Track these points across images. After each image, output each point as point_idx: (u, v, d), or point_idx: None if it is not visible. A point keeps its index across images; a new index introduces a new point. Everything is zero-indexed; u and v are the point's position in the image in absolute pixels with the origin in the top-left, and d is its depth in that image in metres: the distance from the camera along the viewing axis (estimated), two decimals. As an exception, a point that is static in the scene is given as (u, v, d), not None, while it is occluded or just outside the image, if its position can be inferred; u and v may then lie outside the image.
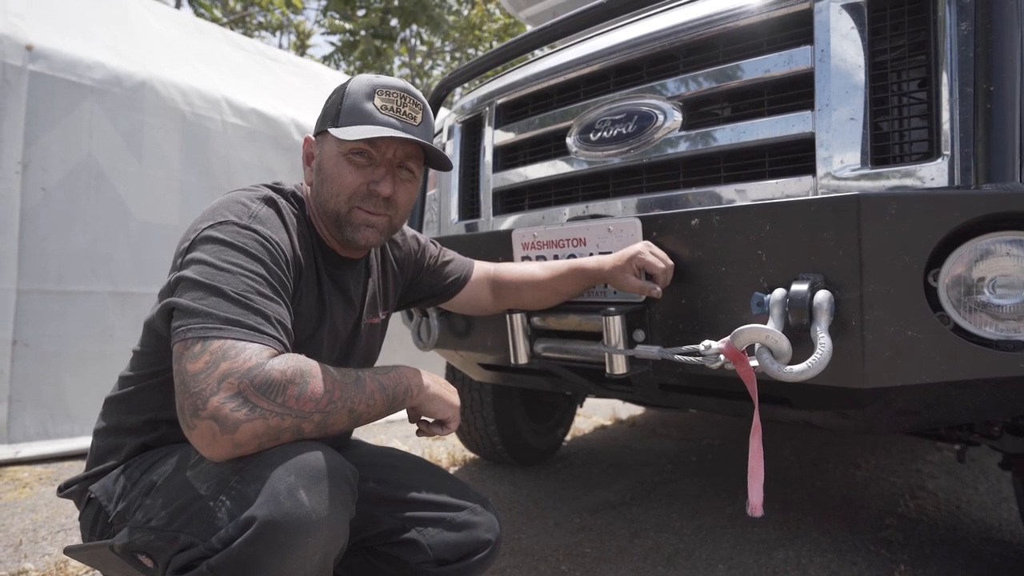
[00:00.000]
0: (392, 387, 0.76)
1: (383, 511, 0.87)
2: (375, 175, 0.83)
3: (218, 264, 0.69)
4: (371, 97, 0.82)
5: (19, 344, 2.27)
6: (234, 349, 0.63)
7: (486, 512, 0.91)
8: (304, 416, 0.65)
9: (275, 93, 3.43)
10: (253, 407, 0.61)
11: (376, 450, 1.03)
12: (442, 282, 1.15)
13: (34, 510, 1.78)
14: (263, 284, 0.70)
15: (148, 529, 0.68)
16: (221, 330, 0.64)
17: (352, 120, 0.81)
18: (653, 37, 1.18)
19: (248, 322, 0.66)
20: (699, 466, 2.25)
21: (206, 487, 0.65)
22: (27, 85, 2.33)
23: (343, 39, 10.63)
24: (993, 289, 0.77)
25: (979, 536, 1.61)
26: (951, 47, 0.83)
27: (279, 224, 0.78)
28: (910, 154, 0.91)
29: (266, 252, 0.73)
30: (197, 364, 0.63)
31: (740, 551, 1.52)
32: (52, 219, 2.37)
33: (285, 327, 0.70)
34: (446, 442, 2.60)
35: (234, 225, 0.73)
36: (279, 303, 0.71)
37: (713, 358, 0.85)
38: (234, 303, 0.66)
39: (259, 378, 0.62)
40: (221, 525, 0.61)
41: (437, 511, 0.88)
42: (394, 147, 0.84)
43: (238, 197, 0.78)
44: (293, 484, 0.61)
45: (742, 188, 1.05)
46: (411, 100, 0.84)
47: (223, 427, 0.61)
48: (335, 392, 0.68)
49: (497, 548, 0.90)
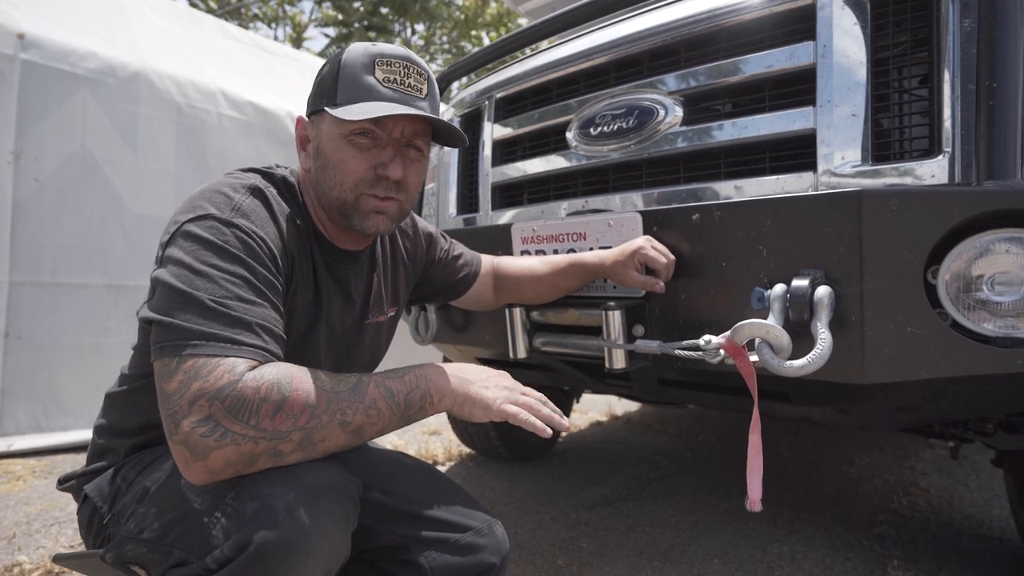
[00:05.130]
0: (404, 393, 0.69)
1: (387, 525, 0.82)
2: (382, 157, 0.75)
3: (195, 267, 0.64)
4: (371, 69, 0.73)
5: (12, 337, 2.25)
6: (207, 367, 0.59)
7: (493, 533, 0.86)
8: (281, 437, 0.59)
9: (271, 86, 3.40)
10: (224, 432, 0.57)
11: (384, 455, 0.97)
12: (452, 277, 1.09)
13: (28, 503, 1.77)
14: (244, 287, 0.65)
15: (141, 541, 0.66)
16: (196, 346, 0.60)
17: (352, 97, 0.73)
18: (654, 32, 1.17)
19: (224, 334, 0.61)
20: (694, 462, 2.26)
21: (200, 500, 0.63)
22: (19, 74, 2.30)
23: (338, 31, 10.56)
24: (992, 286, 0.77)
25: (971, 532, 1.62)
26: (954, 44, 0.83)
27: (266, 216, 0.72)
28: (911, 151, 0.91)
29: (248, 250, 0.67)
30: (172, 383, 0.59)
31: (735, 546, 1.53)
32: (45, 210, 2.35)
33: (271, 331, 0.65)
34: (442, 437, 2.60)
35: (214, 220, 0.67)
36: (264, 305, 0.66)
37: (713, 353, 0.86)
38: (209, 314, 0.61)
39: (230, 398, 0.58)
40: (216, 544, 0.59)
41: (441, 531, 0.82)
42: (401, 125, 0.76)
43: (221, 186, 0.72)
44: (292, 503, 0.58)
45: (742, 184, 1.04)
46: (415, 70, 0.76)
47: (194, 454, 0.57)
48: (320, 405, 0.61)
49: (502, 571, 0.85)
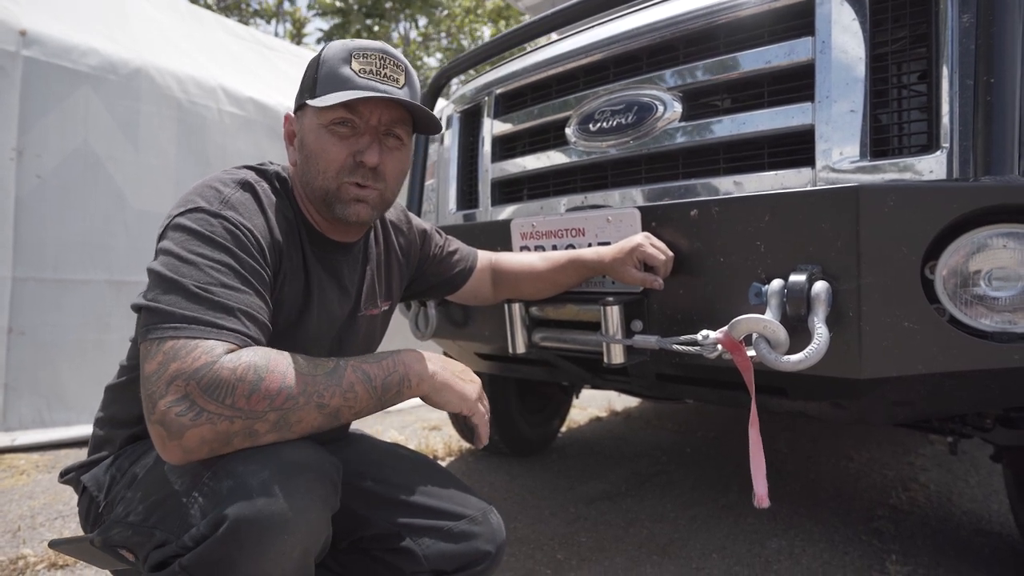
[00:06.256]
0: (382, 377, 0.70)
1: (380, 513, 0.83)
2: (360, 144, 0.78)
3: (182, 255, 0.66)
4: (348, 61, 0.76)
5: (15, 332, 2.26)
6: (185, 348, 0.60)
7: (487, 521, 0.87)
8: (256, 416, 0.60)
9: (271, 82, 3.40)
10: (200, 411, 0.58)
11: (378, 446, 0.98)
12: (448, 272, 1.10)
13: (31, 497, 1.78)
14: (229, 275, 0.67)
15: (126, 524, 0.68)
16: (176, 329, 0.61)
17: (329, 88, 0.76)
18: (653, 27, 1.17)
19: (205, 318, 0.62)
20: (693, 458, 2.27)
21: (180, 482, 0.64)
22: (21, 71, 2.30)
23: (333, 22, 10.48)
24: (989, 281, 0.78)
25: (970, 527, 1.63)
26: (952, 39, 0.83)
27: (254, 209, 0.74)
28: (909, 146, 0.92)
29: (235, 240, 0.69)
30: (152, 365, 0.61)
31: (734, 541, 1.54)
32: (48, 206, 2.35)
33: (254, 317, 0.67)
34: (442, 432, 2.61)
35: (203, 212, 0.69)
36: (248, 292, 0.67)
37: (711, 348, 0.86)
38: (193, 299, 0.63)
39: (206, 378, 0.59)
40: (194, 522, 0.60)
41: (435, 519, 0.84)
42: (378, 112, 0.78)
43: (213, 181, 0.75)
44: (267, 480, 0.59)
45: (741, 180, 1.05)
46: (391, 61, 0.78)
47: (169, 433, 0.58)
48: (297, 387, 0.63)
49: (498, 559, 0.86)
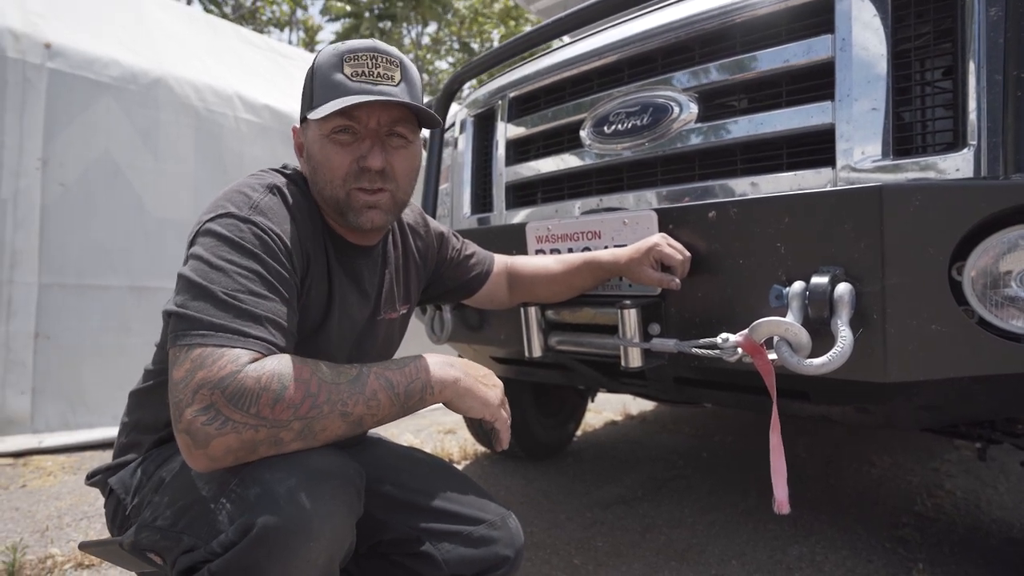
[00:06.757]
0: (404, 384, 0.70)
1: (398, 518, 0.84)
2: (362, 149, 0.77)
3: (212, 261, 0.66)
4: (339, 67, 0.76)
5: (41, 336, 2.32)
6: (211, 357, 0.61)
7: (506, 526, 0.87)
8: (281, 425, 0.61)
9: (286, 89, 3.44)
10: (225, 420, 0.59)
11: (396, 450, 0.99)
12: (464, 276, 1.10)
13: (58, 497, 1.82)
14: (257, 282, 0.67)
15: (154, 528, 0.68)
16: (204, 336, 0.62)
17: (325, 97, 0.75)
18: (668, 28, 1.16)
19: (232, 326, 0.63)
20: (710, 462, 2.24)
21: (208, 488, 0.65)
22: (46, 83, 2.36)
23: (345, 25, 10.54)
24: (1021, 282, 0.75)
25: (999, 536, 1.58)
26: (979, 34, 0.81)
27: (283, 214, 0.75)
28: (934, 144, 0.89)
29: (264, 246, 0.69)
30: (180, 372, 0.61)
31: (754, 547, 1.51)
32: (71, 214, 2.41)
33: (279, 325, 0.67)
34: (457, 436, 2.61)
35: (233, 218, 0.70)
36: (275, 300, 0.68)
37: (731, 351, 0.85)
38: (221, 306, 0.64)
39: (231, 388, 0.59)
40: (222, 528, 0.61)
41: (454, 524, 0.84)
42: (376, 114, 0.76)
43: (242, 186, 0.75)
44: (293, 487, 0.59)
45: (759, 180, 1.03)
46: (384, 59, 0.77)
47: (196, 442, 0.59)
48: (320, 395, 0.63)
49: (517, 564, 0.86)
